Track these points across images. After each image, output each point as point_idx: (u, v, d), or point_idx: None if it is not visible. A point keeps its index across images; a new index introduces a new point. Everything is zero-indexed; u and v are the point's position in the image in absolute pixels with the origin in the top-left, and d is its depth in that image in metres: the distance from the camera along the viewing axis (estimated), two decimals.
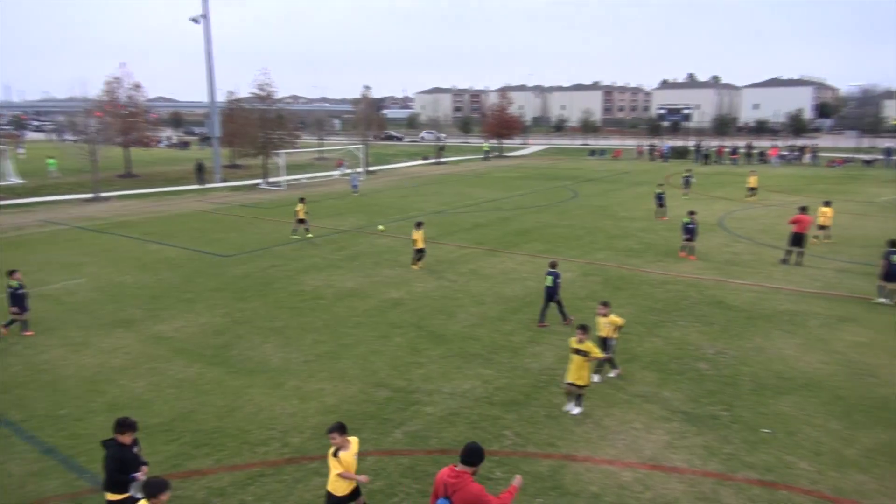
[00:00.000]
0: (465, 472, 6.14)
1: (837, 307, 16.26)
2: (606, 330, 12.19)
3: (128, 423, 7.24)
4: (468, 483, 6.07)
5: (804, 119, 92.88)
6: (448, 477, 6.17)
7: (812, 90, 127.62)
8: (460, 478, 6.11)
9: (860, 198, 35.38)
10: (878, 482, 8.83)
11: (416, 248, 20.50)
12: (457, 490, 6.06)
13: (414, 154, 72.53)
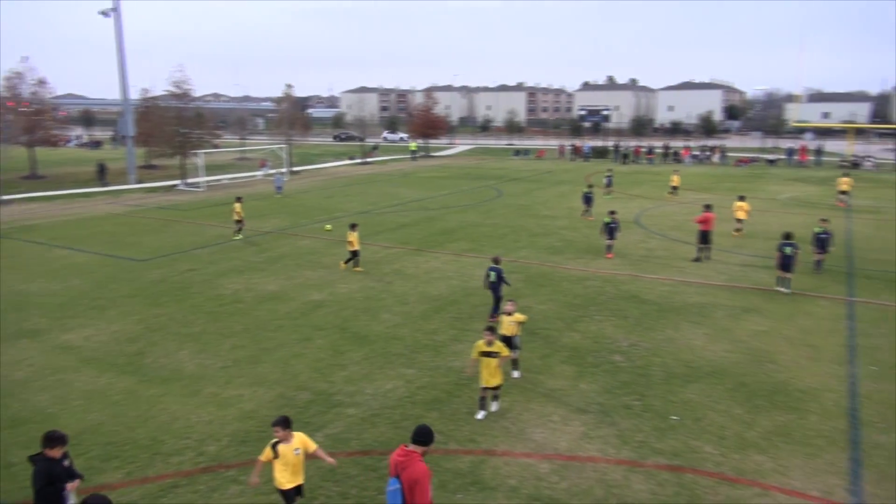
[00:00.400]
0: (415, 451, 6.49)
1: (741, 298, 17.21)
2: (511, 329, 12.24)
3: (55, 436, 7.03)
4: (415, 462, 6.40)
5: (714, 121, 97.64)
6: (398, 456, 6.50)
7: (721, 93, 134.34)
8: (409, 456, 6.44)
9: (763, 195, 37.54)
10: (775, 461, 9.42)
11: (350, 249, 20.25)
12: (405, 468, 6.38)
13: (340, 154, 71.77)
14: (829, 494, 8.65)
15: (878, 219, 29.59)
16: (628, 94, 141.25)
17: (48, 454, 6.96)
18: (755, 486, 8.81)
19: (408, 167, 57.77)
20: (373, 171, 53.87)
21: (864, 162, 54.63)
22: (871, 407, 11.06)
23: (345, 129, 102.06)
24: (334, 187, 42.86)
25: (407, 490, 6.32)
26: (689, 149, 64.03)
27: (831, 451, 9.67)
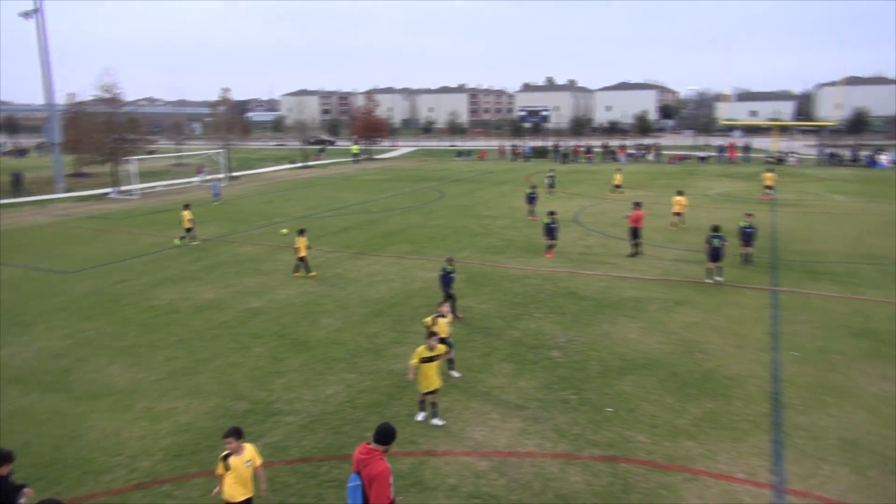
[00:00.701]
0: (377, 450, 6.71)
1: (674, 291, 17.81)
2: (446, 329, 12.24)
3: (2, 454, 7.09)
4: (377, 460, 6.65)
5: (649, 120, 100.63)
6: (360, 454, 6.73)
7: (656, 93, 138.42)
8: (371, 454, 6.68)
9: (695, 191, 38.86)
10: (703, 447, 9.81)
11: (298, 255, 19.90)
12: (367, 465, 6.61)
13: (281, 158, 70.69)
14: (753, 475, 9.07)
15: (800, 211, 31.08)
16: (567, 95, 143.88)
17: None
18: (684, 472, 9.16)
19: (350, 170, 57.37)
20: (314, 175, 53.27)
21: (788, 158, 57.25)
22: (792, 390, 11.63)
23: (315, 135, 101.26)
24: (274, 192, 42.19)
25: (367, 486, 6.50)
26: (624, 147, 65.74)
27: (755, 434, 10.13)
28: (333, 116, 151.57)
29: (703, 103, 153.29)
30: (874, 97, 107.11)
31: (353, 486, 6.60)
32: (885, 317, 15.47)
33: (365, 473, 6.55)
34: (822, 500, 8.49)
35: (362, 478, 6.55)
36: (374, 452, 6.68)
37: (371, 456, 6.64)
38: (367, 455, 6.66)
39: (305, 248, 19.81)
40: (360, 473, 6.57)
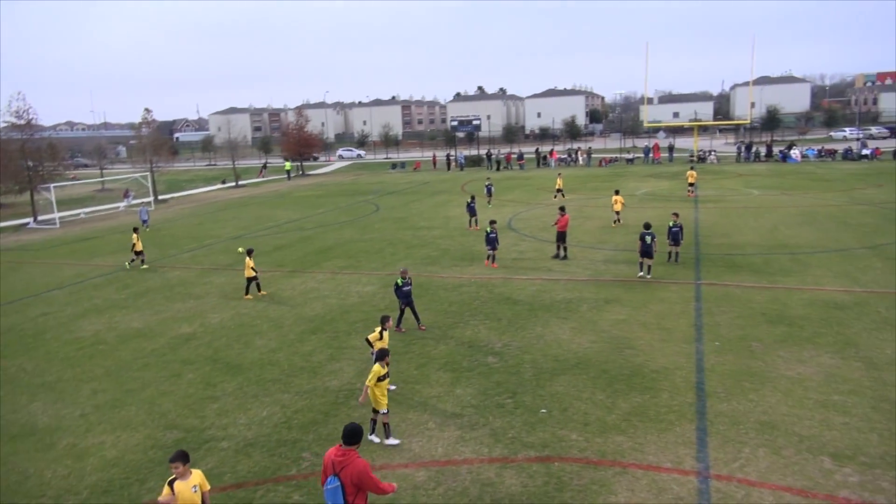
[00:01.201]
0: (351, 450, 6.75)
1: (604, 291, 18.35)
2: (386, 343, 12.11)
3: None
4: (355, 459, 6.72)
5: (578, 125, 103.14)
6: (335, 456, 6.76)
7: (583, 98, 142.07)
8: (347, 455, 6.73)
9: (623, 191, 39.91)
10: (633, 440, 10.14)
11: (247, 276, 19.51)
12: (345, 466, 6.66)
13: (212, 178, 69.07)
14: (680, 464, 9.44)
15: (720, 207, 32.53)
16: (498, 103, 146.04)
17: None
18: (615, 466, 9.45)
19: (283, 188, 56.57)
20: (246, 195, 52.29)
21: (708, 156, 59.81)
22: (714, 379, 12.17)
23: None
24: (205, 213, 41.19)
25: (350, 486, 6.62)
26: (555, 152, 67.24)
27: (681, 424, 10.55)
28: (265, 133, 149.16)
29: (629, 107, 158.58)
30: (785, 96, 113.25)
31: (332, 487, 6.67)
32: (799, 303, 16.37)
33: (345, 474, 6.64)
34: (743, 482, 8.92)
35: (341, 479, 6.64)
36: (349, 452, 6.76)
37: (348, 456, 6.74)
38: (343, 456, 6.75)
39: (251, 269, 19.47)
40: (339, 475, 6.66)
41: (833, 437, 9.88)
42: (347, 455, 6.73)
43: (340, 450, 6.79)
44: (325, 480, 6.77)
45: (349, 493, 6.65)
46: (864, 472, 8.96)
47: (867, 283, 17.80)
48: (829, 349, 13.28)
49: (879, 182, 38.75)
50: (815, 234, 24.56)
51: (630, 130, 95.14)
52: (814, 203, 32.07)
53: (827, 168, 49.12)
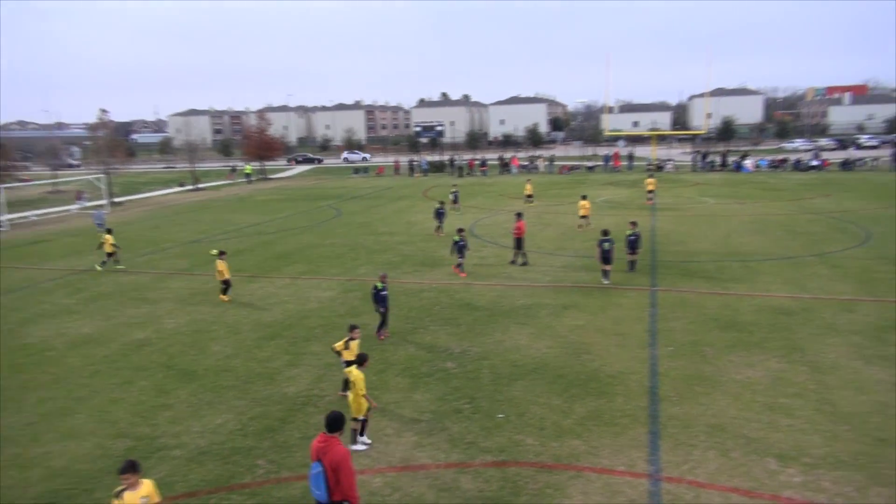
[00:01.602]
0: (333, 437, 7.13)
1: (563, 297, 18.59)
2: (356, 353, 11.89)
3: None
4: (336, 445, 7.09)
5: (540, 132, 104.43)
6: (319, 443, 7.15)
7: (546, 106, 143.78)
8: (328, 442, 7.10)
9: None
10: (588, 444, 10.31)
11: (221, 279, 19.33)
12: (327, 452, 7.02)
13: (170, 181, 67.69)
14: (633, 467, 9.63)
15: (676, 215, 33.28)
16: (462, 110, 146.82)
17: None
18: (570, 470, 9.59)
19: (243, 191, 55.79)
20: (205, 198, 51.39)
21: (665, 165, 61.14)
22: (667, 383, 12.44)
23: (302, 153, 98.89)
24: (162, 216, 40.35)
25: (331, 471, 6.94)
26: (516, 159, 67.88)
27: (634, 428, 10.76)
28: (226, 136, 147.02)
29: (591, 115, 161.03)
30: (739, 107, 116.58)
31: (315, 472, 7.01)
32: (749, 309, 16.85)
33: (327, 460, 6.96)
34: (693, 484, 9.14)
35: (324, 464, 6.96)
36: (332, 440, 7.11)
37: (330, 443, 7.07)
38: (326, 443, 7.09)
39: (228, 271, 19.45)
40: (322, 461, 6.98)
41: (778, 439, 10.21)
42: (329, 441, 7.09)
43: (324, 436, 7.16)
44: (311, 465, 7.12)
45: (330, 478, 6.94)
46: (807, 473, 9.27)
47: (814, 289, 18.42)
48: (777, 354, 13.71)
49: (827, 192, 40.15)
50: (766, 242, 25.32)
51: (591, 138, 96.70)
52: (765, 212, 33.06)
53: (778, 178, 50.69)
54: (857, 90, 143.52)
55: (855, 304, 16.89)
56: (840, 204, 34.96)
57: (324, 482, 6.94)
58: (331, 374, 13.45)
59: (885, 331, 14.84)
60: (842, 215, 31.07)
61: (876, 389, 11.89)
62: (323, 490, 6.97)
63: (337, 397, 12.29)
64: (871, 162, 57.17)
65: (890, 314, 16.00)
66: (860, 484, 8.96)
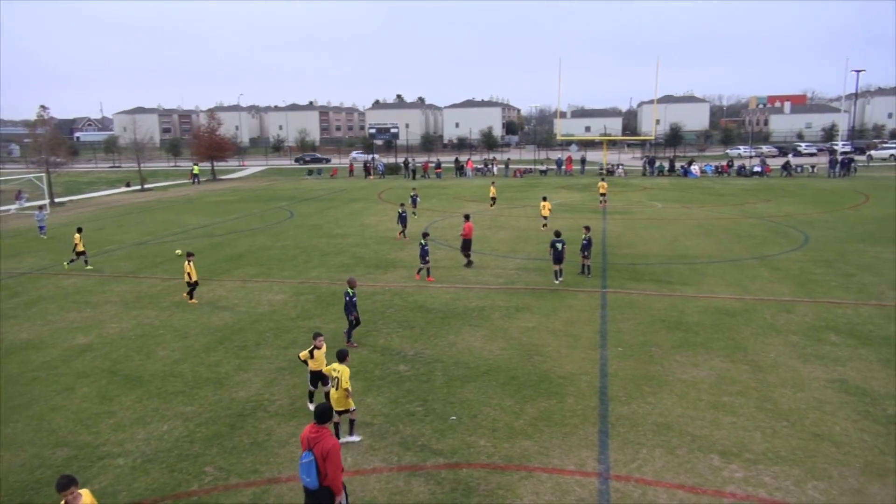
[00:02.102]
0: (324, 427, 7.57)
1: (515, 299, 18.77)
2: (323, 362, 11.65)
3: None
4: (327, 437, 7.51)
5: (495, 136, 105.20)
6: (310, 433, 7.54)
7: (500, 110, 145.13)
8: (320, 432, 7.52)
9: (536, 202, 41.22)
10: (539, 444, 10.43)
11: (187, 280, 18.93)
12: (318, 442, 7.45)
13: (116, 181, 65.68)
14: (582, 466, 9.79)
15: (626, 218, 34.02)
16: (417, 112, 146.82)
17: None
18: (521, 470, 9.69)
19: (192, 192, 54.51)
20: (152, 198, 50.02)
21: (616, 169, 62.41)
22: (616, 383, 12.70)
23: (310, 152, 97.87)
24: (106, 217, 39.08)
25: (321, 460, 7.36)
26: (471, 162, 68.27)
27: (584, 428, 10.94)
28: (174, 136, 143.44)
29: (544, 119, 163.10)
30: (686, 114, 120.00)
31: (306, 461, 7.41)
32: (694, 310, 17.34)
33: (317, 449, 7.39)
34: (640, 481, 9.35)
35: (314, 453, 7.38)
36: (323, 430, 7.55)
37: (321, 433, 7.51)
38: (318, 433, 7.50)
39: (195, 273, 19.09)
40: (312, 450, 7.40)
41: (721, 436, 10.53)
42: (321, 432, 7.51)
43: (314, 427, 7.57)
44: (302, 454, 7.51)
45: (321, 466, 7.38)
46: (749, 468, 9.59)
47: (755, 291, 19.08)
48: (720, 353, 14.15)
49: (768, 197, 41.67)
50: (711, 245, 26.11)
51: (544, 143, 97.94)
52: (710, 216, 34.09)
53: (723, 183, 52.34)
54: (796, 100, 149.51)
55: (793, 305, 17.57)
56: (780, 209, 36.34)
57: (315, 470, 7.36)
58: (282, 379, 13.27)
59: (820, 330, 15.48)
60: (782, 220, 32.30)
61: (812, 387, 12.39)
62: (314, 477, 7.37)
63: (287, 401, 12.14)
64: (809, 168, 59.59)
65: (825, 314, 16.70)
66: (798, 478, 9.32)
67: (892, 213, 33.52)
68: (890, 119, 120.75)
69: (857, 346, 14.47)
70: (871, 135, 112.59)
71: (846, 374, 12.91)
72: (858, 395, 12.00)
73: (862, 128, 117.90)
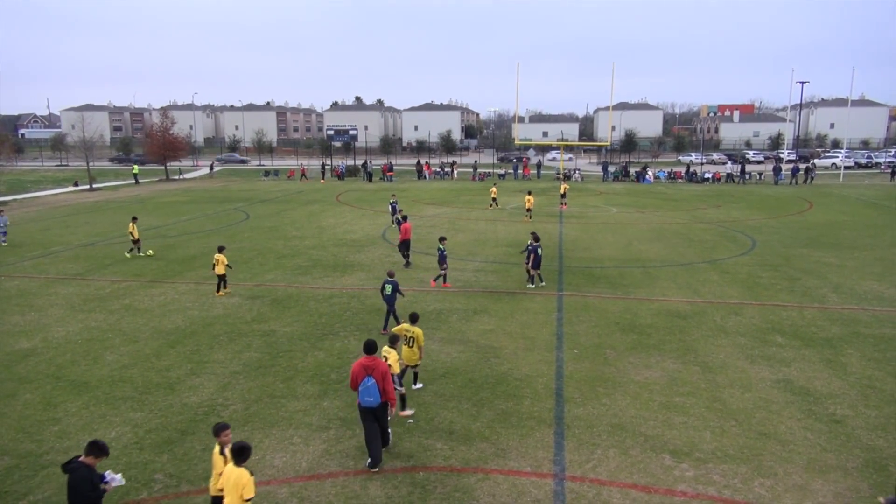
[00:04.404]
0: (375, 357, 9.69)
1: (473, 302, 18.85)
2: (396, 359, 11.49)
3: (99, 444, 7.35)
4: (379, 363, 9.71)
5: (454, 139, 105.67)
6: (365, 362, 9.58)
7: (459, 114, 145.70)
8: (373, 360, 9.64)
9: (495, 206, 41.55)
10: (496, 446, 10.48)
11: (217, 273, 19.61)
12: (374, 368, 9.53)
13: (63, 180, 63.51)
14: (539, 467, 9.88)
15: (582, 222, 34.54)
16: (376, 114, 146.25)
17: (86, 461, 7.23)
18: (478, 472, 9.72)
19: (144, 192, 53.09)
20: (102, 198, 48.53)
21: (573, 174, 63.32)
22: (572, 385, 12.86)
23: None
24: (52, 218, 37.73)
25: (381, 380, 9.44)
26: (428, 164, 68.32)
27: (540, 429, 11.05)
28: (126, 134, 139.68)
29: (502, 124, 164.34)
30: (641, 121, 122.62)
31: (370, 385, 9.44)
32: (648, 313, 17.70)
33: (376, 374, 9.43)
34: (595, 482, 9.49)
35: (374, 377, 9.40)
36: (374, 359, 9.63)
37: (374, 361, 9.60)
38: (371, 361, 9.58)
39: (223, 266, 19.62)
40: (373, 375, 9.41)
41: (673, 436, 10.77)
42: (374, 360, 9.63)
43: (367, 358, 9.60)
44: (361, 381, 9.45)
45: (380, 386, 9.45)
46: (699, 467, 9.84)
47: (706, 294, 19.60)
48: (672, 355, 14.48)
49: (718, 203, 42.88)
50: (664, 249, 26.71)
51: (503, 147, 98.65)
52: (663, 221, 34.89)
53: (675, 189, 53.63)
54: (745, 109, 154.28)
55: (742, 308, 18.11)
56: (729, 214, 37.43)
57: (377, 390, 9.40)
58: (235, 383, 13.03)
59: (767, 332, 16.00)
60: (731, 225, 33.28)
61: (759, 387, 12.78)
62: (376, 396, 9.43)
63: (241, 406, 11.92)
64: (756, 175, 61.55)
65: (772, 317, 17.27)
66: (745, 476, 9.60)
67: (834, 220, 34.90)
68: (832, 129, 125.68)
69: (800, 347, 15.00)
70: (815, 144, 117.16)
71: (791, 375, 13.37)
72: (802, 394, 12.44)
73: (806, 137, 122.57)
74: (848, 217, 35.99)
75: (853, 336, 15.72)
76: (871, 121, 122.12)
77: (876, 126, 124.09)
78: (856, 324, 16.68)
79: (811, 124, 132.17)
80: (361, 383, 9.38)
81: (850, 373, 13.48)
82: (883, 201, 43.39)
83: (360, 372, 9.47)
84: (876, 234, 30.09)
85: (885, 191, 50.68)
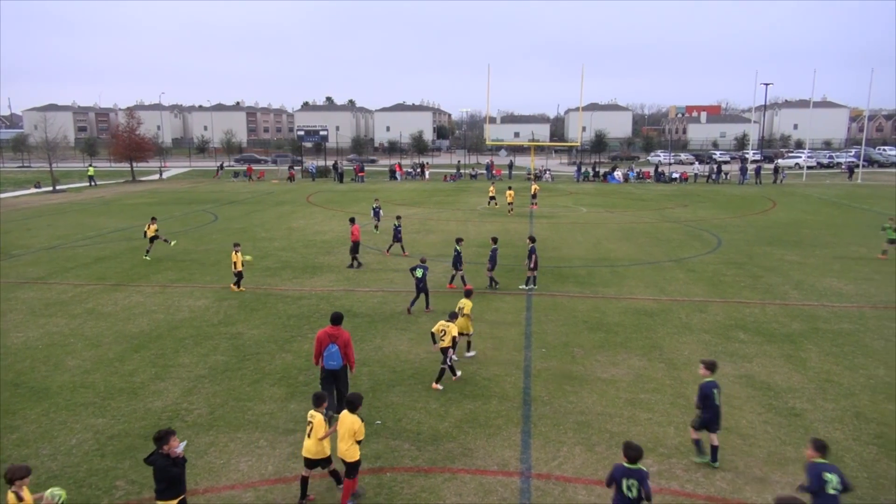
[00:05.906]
0: (339, 327, 11.22)
1: (443, 302, 18.83)
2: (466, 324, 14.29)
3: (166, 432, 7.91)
4: (342, 332, 11.22)
5: (426, 140, 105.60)
6: (329, 331, 11.16)
7: (431, 115, 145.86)
8: (338, 330, 11.19)
9: (465, 206, 41.72)
10: (463, 446, 10.52)
11: (235, 270, 20.02)
12: (338, 336, 11.08)
13: (24, 182, 62.02)
14: (505, 466, 9.94)
15: (553, 222, 34.82)
16: (348, 115, 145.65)
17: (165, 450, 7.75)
18: (445, 472, 9.74)
19: (108, 194, 52.06)
20: (65, 200, 47.49)
21: (543, 175, 63.79)
22: (539, 384, 12.96)
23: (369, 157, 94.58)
24: (13, 220, 36.79)
25: (343, 347, 11.00)
26: (399, 165, 68.25)
27: (508, 428, 11.12)
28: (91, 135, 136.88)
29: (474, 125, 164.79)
30: (610, 122, 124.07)
31: (333, 350, 10.97)
32: (615, 311, 17.92)
33: (340, 341, 11.00)
34: (560, 479, 9.58)
35: (338, 344, 10.97)
36: (338, 328, 11.18)
37: (338, 331, 11.14)
38: (336, 331, 11.13)
39: (241, 263, 19.95)
40: (336, 342, 10.97)
41: (638, 432, 10.92)
42: (338, 330, 11.16)
43: (332, 328, 11.15)
44: (325, 347, 11.00)
45: (342, 352, 10.99)
46: (662, 462, 9.99)
47: (672, 292, 19.91)
48: (638, 352, 14.68)
49: (685, 202, 43.57)
50: (632, 248, 27.06)
51: (474, 147, 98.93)
52: (632, 220, 35.35)
53: (644, 189, 54.37)
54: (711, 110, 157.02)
55: (706, 305, 18.43)
56: (696, 213, 38.06)
57: (339, 355, 10.98)
58: (201, 387, 12.86)
59: (730, 329, 16.31)
60: (697, 224, 33.84)
61: (722, 382, 12.87)
62: (338, 360, 11.00)
63: (206, 410, 11.77)
64: (723, 175, 62.67)
65: (735, 314, 17.61)
66: (707, 470, 9.78)
67: (796, 218, 35.72)
68: (796, 130, 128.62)
69: (762, 343, 15.33)
70: (779, 144, 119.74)
71: (752, 370, 13.66)
72: (763, 389, 12.71)
73: (771, 137, 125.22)
74: (810, 216, 36.88)
75: (813, 332, 16.11)
76: (833, 122, 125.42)
77: (837, 127, 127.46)
78: (815, 319, 17.10)
79: (775, 125, 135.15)
80: (326, 349, 10.91)
81: (809, 367, 13.81)
82: (843, 200, 44.55)
83: (324, 339, 11.00)
84: (836, 233, 30.88)
85: (845, 190, 52.06)
